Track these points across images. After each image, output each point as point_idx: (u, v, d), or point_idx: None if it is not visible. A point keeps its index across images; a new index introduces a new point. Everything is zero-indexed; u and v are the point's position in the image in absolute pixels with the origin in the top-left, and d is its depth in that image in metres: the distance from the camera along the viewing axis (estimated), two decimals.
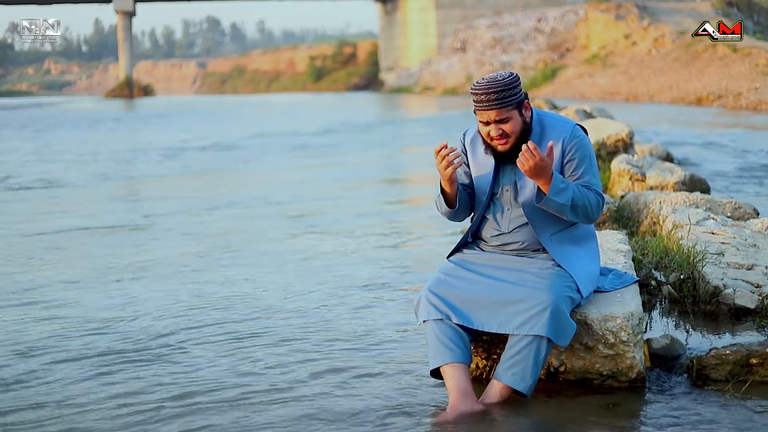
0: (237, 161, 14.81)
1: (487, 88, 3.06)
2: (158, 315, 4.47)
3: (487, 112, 3.09)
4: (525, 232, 3.23)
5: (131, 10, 60.81)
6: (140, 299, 4.83)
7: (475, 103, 3.11)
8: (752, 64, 28.53)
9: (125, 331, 4.18)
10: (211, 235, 7.12)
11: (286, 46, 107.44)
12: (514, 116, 3.11)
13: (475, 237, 3.37)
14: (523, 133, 3.15)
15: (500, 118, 3.09)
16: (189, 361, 3.71)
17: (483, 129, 3.16)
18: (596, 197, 3.15)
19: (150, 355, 3.81)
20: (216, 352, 3.82)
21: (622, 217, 5.63)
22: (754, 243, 4.47)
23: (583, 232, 3.28)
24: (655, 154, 9.04)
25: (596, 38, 43.05)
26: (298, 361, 3.65)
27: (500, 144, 3.14)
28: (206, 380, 3.45)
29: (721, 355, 3.20)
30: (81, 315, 4.54)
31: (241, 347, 3.87)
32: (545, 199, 3.07)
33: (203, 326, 4.23)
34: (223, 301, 4.74)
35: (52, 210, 9.11)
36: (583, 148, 3.18)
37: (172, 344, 3.95)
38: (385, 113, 31.89)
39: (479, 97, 3.08)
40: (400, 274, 5.37)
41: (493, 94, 3.06)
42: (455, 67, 49.11)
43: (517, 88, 3.10)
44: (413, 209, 8.92)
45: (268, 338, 4.00)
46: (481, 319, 3.07)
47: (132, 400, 3.26)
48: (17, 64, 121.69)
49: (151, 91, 65.78)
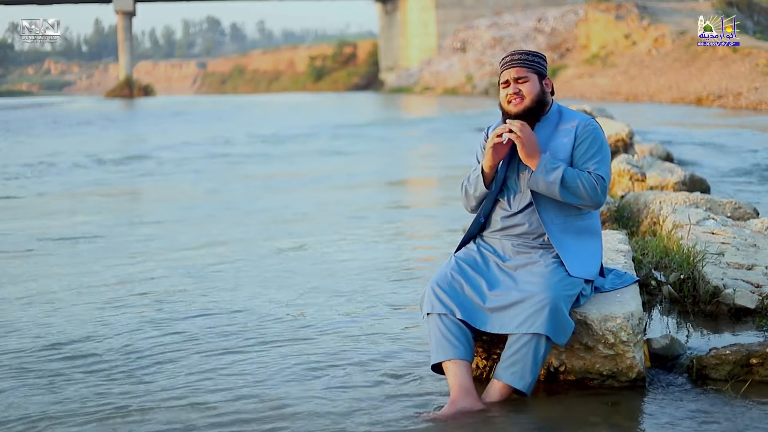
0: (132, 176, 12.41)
1: (513, 51, 3.35)
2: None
3: (508, 71, 3.29)
4: (533, 214, 3.27)
5: (131, 10, 60.82)
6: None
7: (501, 66, 3.32)
8: (752, 64, 28.54)
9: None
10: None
11: (286, 46, 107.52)
12: (533, 80, 3.29)
13: (484, 221, 3.39)
14: (540, 103, 3.29)
15: (519, 76, 3.27)
16: (190, 362, 3.71)
17: (502, 94, 3.32)
18: (593, 178, 3.19)
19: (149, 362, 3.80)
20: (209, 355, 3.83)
21: (622, 217, 5.63)
22: (754, 243, 4.47)
23: (588, 226, 3.30)
24: (655, 154, 9.04)
25: (596, 38, 43.06)
26: (297, 356, 3.65)
27: (515, 105, 3.28)
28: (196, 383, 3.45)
29: (721, 355, 3.20)
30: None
31: (242, 348, 3.88)
32: (531, 177, 3.19)
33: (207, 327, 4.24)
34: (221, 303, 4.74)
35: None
36: (595, 137, 3.28)
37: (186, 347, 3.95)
38: (384, 114, 31.88)
39: (505, 58, 3.32)
40: (399, 273, 5.37)
41: (517, 55, 3.31)
42: (455, 67, 49.11)
43: (541, 60, 3.33)
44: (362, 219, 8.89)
45: (267, 338, 4.00)
46: (484, 320, 3.09)
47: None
48: (17, 64, 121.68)
49: (151, 91, 65.77)
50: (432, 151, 16.22)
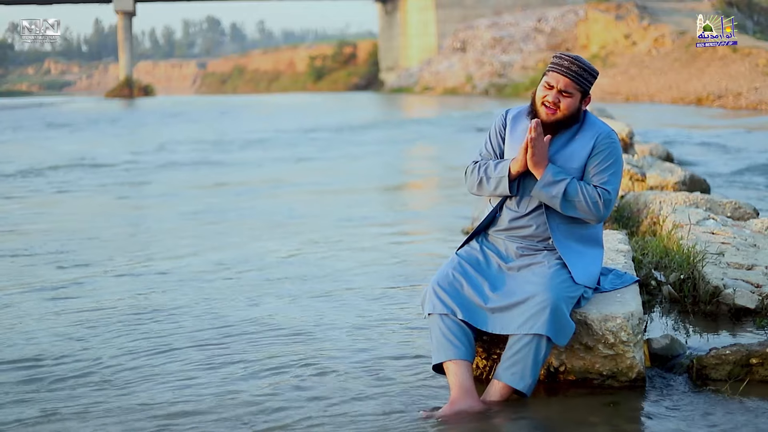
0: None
1: (574, 59, 3.21)
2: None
3: (559, 76, 3.20)
4: (539, 217, 3.27)
5: (131, 10, 60.80)
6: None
7: (554, 66, 3.22)
8: (752, 64, 28.54)
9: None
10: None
11: (286, 46, 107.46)
12: (576, 97, 3.23)
13: (490, 221, 3.38)
14: (571, 119, 3.24)
15: (565, 89, 3.20)
16: (192, 365, 3.71)
17: (541, 92, 3.24)
18: (597, 193, 3.18)
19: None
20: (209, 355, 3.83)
21: (622, 217, 5.63)
22: (754, 243, 4.47)
23: (591, 235, 3.31)
24: (655, 154, 9.05)
25: (596, 38, 43.06)
26: (297, 357, 3.65)
27: (549, 111, 3.22)
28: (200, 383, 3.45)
29: (721, 355, 3.20)
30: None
31: (241, 348, 3.88)
32: (535, 188, 3.18)
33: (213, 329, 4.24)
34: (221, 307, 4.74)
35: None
36: (612, 150, 3.26)
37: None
38: (384, 115, 31.86)
39: (563, 61, 3.21)
40: (398, 272, 5.37)
41: (575, 65, 3.21)
42: (455, 67, 49.09)
43: (593, 79, 3.24)
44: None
45: (266, 336, 4.00)
46: (485, 320, 3.10)
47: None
48: (17, 64, 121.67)
49: (151, 91, 65.74)
50: (431, 153, 16.20)
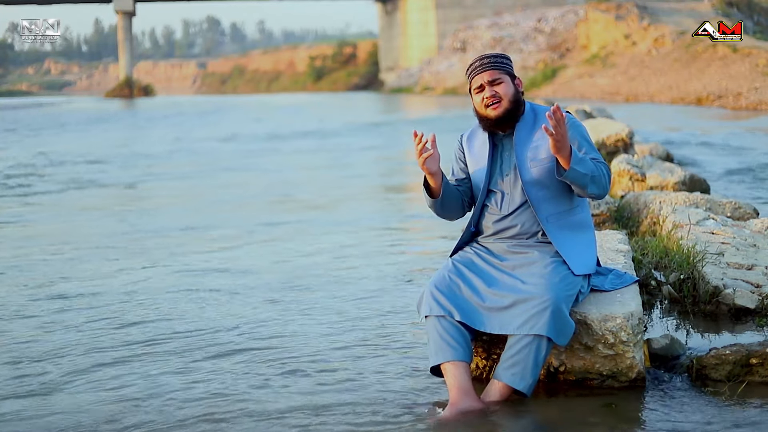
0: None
1: (480, 57, 3.33)
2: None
3: (480, 75, 3.27)
4: (524, 214, 3.28)
5: (131, 10, 60.84)
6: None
7: (471, 72, 3.30)
8: (752, 64, 28.53)
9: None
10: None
11: (286, 46, 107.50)
12: (506, 81, 3.28)
13: (476, 229, 3.40)
14: (516, 103, 3.28)
15: (492, 79, 3.26)
16: (193, 366, 3.71)
17: (477, 99, 3.30)
18: (605, 168, 3.22)
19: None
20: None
21: (622, 217, 5.62)
22: (754, 243, 4.47)
23: (581, 220, 3.32)
24: (655, 154, 9.04)
25: (596, 38, 43.05)
26: (297, 360, 3.65)
27: (494, 108, 3.26)
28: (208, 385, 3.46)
29: (721, 355, 3.20)
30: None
31: (241, 348, 3.89)
32: (569, 169, 3.09)
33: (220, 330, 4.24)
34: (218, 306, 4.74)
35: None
36: (576, 129, 3.28)
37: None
38: (384, 114, 31.86)
39: (474, 64, 3.30)
40: (397, 273, 5.37)
41: (485, 59, 3.30)
42: (455, 67, 49.10)
43: (508, 61, 3.31)
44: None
45: (265, 336, 4.00)
46: (482, 320, 3.09)
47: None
48: (17, 64, 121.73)
49: (151, 91, 65.79)
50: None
